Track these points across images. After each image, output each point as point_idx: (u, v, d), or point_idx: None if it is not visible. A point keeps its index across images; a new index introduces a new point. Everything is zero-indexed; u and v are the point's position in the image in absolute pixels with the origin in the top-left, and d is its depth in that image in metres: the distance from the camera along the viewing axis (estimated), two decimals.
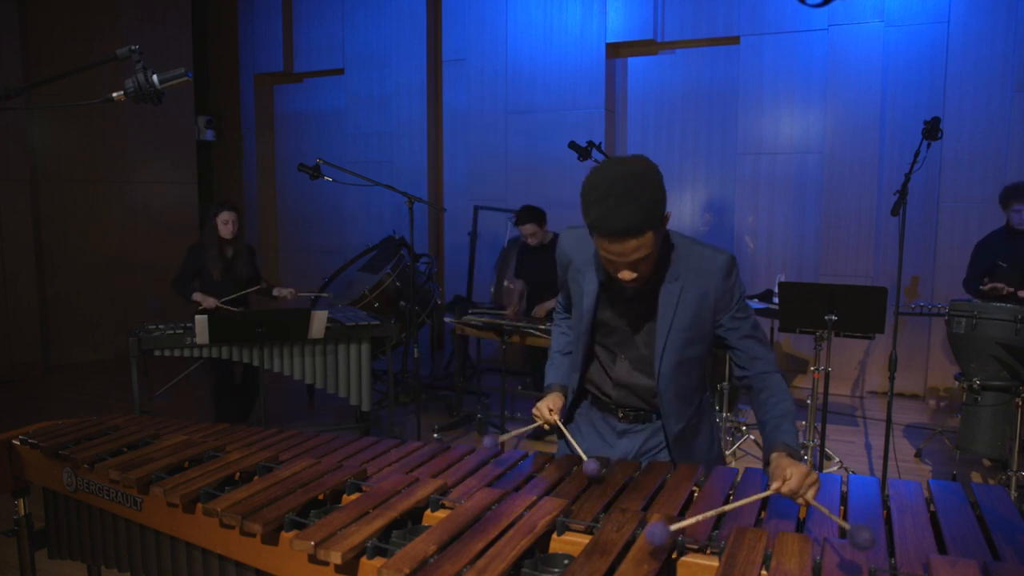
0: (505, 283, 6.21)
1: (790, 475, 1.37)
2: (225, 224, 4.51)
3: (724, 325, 1.73)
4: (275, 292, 4.73)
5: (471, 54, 6.97)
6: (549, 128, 6.56)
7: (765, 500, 1.51)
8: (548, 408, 1.83)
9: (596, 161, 4.84)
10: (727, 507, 1.38)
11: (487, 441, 1.78)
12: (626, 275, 1.57)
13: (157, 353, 3.99)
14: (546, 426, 1.84)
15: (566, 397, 1.90)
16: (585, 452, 1.76)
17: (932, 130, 3.54)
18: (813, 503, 1.36)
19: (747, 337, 1.74)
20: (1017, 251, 4.20)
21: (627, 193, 1.46)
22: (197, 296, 4.48)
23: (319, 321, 4.08)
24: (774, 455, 1.51)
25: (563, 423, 1.87)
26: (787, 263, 6.13)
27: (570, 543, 1.33)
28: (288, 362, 4.16)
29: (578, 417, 1.96)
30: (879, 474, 3.90)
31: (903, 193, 3.44)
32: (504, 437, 1.84)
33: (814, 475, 1.38)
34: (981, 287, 4.19)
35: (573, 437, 1.84)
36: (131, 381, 3.97)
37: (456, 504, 1.47)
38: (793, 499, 1.38)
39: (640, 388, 1.80)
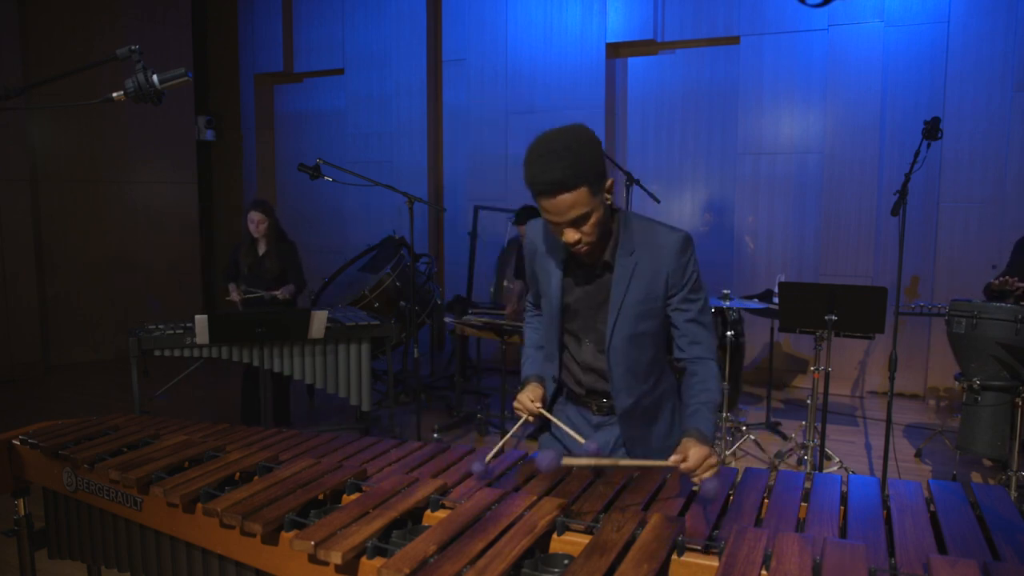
0: (505, 283, 6.21)
1: (691, 455, 1.50)
2: (252, 223, 4.68)
3: (673, 305, 1.78)
4: (279, 295, 4.72)
5: (471, 54, 6.97)
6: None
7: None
8: (529, 399, 1.81)
9: None
10: (607, 462, 1.54)
11: (475, 468, 1.63)
12: (570, 236, 1.64)
13: (157, 353, 3.99)
14: (530, 418, 1.82)
15: (545, 387, 1.90)
16: (564, 447, 1.81)
17: (932, 130, 3.54)
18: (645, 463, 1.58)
19: (692, 321, 1.78)
20: None
21: (555, 152, 1.59)
22: (230, 287, 4.74)
23: (319, 321, 4.08)
24: (685, 438, 1.59)
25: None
26: (787, 263, 6.13)
27: (570, 543, 1.33)
28: (288, 362, 4.16)
29: (555, 413, 1.97)
30: (879, 474, 3.90)
31: (903, 193, 3.44)
32: (492, 457, 1.70)
33: (714, 459, 1.52)
34: (992, 280, 3.96)
35: (554, 429, 1.88)
36: (131, 381, 3.97)
37: (456, 504, 1.47)
38: (689, 477, 1.52)
39: (605, 371, 1.83)
